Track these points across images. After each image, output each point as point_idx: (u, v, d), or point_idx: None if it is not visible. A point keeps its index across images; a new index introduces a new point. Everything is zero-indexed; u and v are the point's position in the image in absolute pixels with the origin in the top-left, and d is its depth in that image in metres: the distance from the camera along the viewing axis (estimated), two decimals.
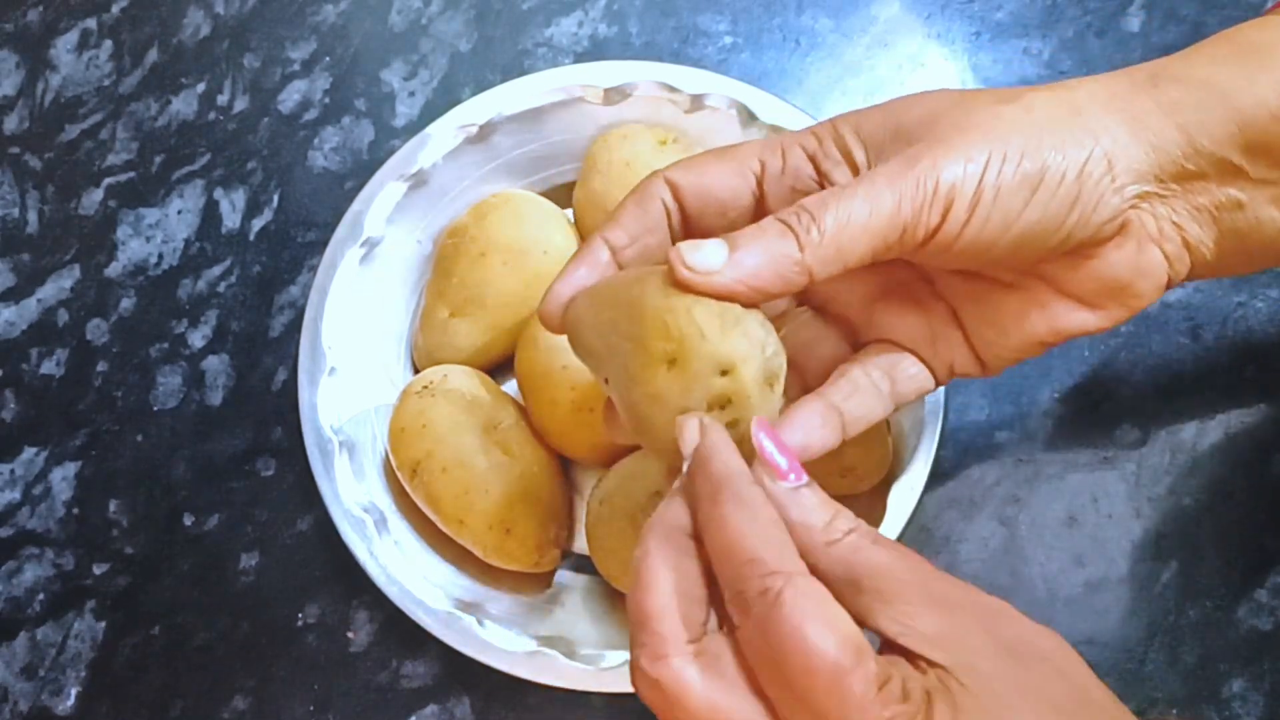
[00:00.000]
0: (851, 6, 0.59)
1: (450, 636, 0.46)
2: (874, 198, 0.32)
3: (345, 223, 0.52)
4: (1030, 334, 0.36)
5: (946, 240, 0.32)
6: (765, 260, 0.32)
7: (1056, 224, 0.33)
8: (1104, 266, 0.34)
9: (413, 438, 0.47)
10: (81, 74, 0.60)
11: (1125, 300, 0.35)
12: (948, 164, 0.32)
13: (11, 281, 0.57)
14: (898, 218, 0.32)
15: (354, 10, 0.60)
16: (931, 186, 0.32)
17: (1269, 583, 0.48)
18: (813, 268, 0.32)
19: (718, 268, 0.31)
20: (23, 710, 0.50)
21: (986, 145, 0.32)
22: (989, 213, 0.32)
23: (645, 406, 0.33)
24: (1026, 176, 0.32)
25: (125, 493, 0.53)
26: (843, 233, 0.32)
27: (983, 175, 0.32)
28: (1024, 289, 0.36)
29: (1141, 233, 0.34)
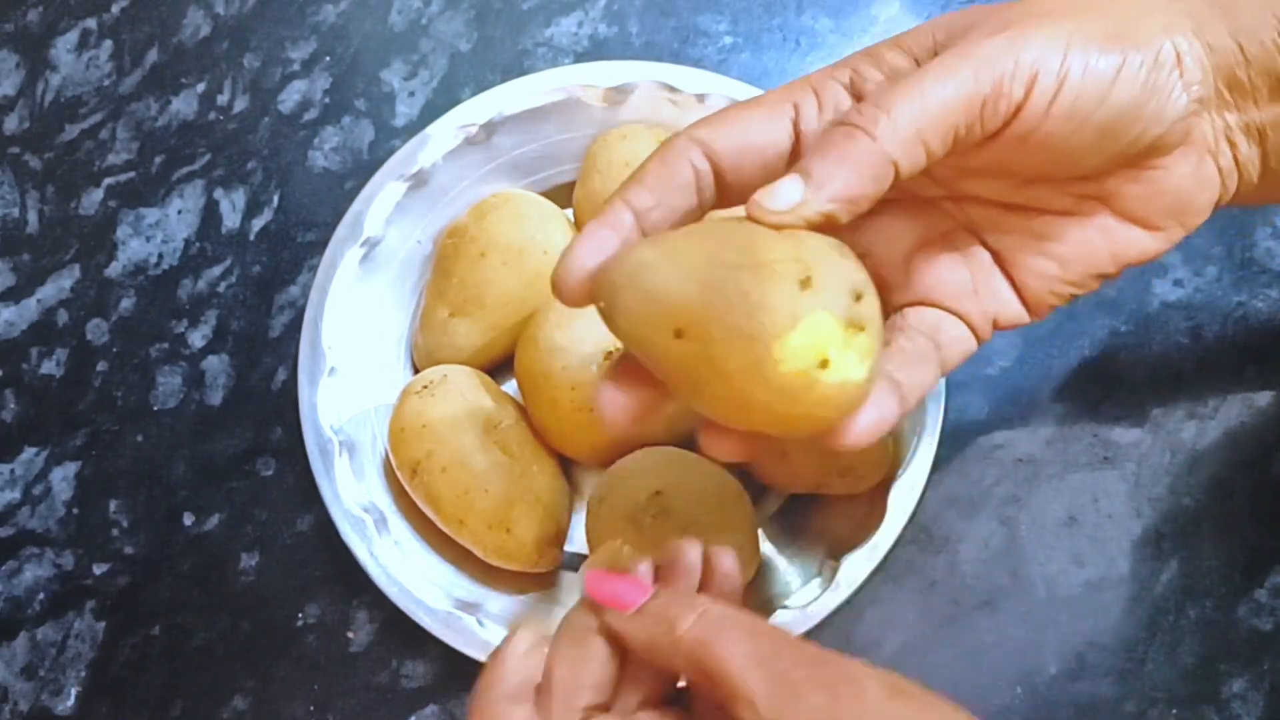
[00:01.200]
0: (851, 6, 0.59)
1: (450, 636, 0.46)
2: (947, 72, 0.30)
3: (345, 223, 0.52)
4: (1092, 262, 0.35)
5: (1033, 118, 0.30)
6: (843, 168, 0.29)
7: (1139, 111, 0.31)
8: (1169, 179, 0.33)
9: (413, 438, 0.47)
10: (81, 74, 0.60)
11: (1184, 218, 0.34)
12: (1028, 41, 0.30)
13: (11, 281, 0.57)
14: (978, 88, 0.30)
15: (354, 10, 0.60)
16: (1011, 61, 0.30)
17: (1269, 583, 0.48)
18: (893, 155, 0.29)
19: (800, 198, 0.29)
20: (23, 710, 0.50)
21: (1067, 27, 0.31)
22: (1079, 89, 0.30)
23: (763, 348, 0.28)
24: (1110, 56, 0.31)
25: (125, 493, 0.53)
26: (919, 111, 0.29)
27: (1067, 51, 0.30)
28: (1084, 215, 0.34)
29: (1202, 143, 0.33)
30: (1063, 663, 0.47)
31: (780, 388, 0.28)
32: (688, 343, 0.29)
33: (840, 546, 0.46)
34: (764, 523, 0.49)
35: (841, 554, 0.46)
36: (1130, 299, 0.52)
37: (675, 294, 0.29)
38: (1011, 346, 0.52)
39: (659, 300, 0.29)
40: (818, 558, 0.47)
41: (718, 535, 0.45)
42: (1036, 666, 0.47)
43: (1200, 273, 0.52)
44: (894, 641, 0.48)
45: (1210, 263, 0.52)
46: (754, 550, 0.47)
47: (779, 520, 0.50)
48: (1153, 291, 0.52)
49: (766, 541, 0.49)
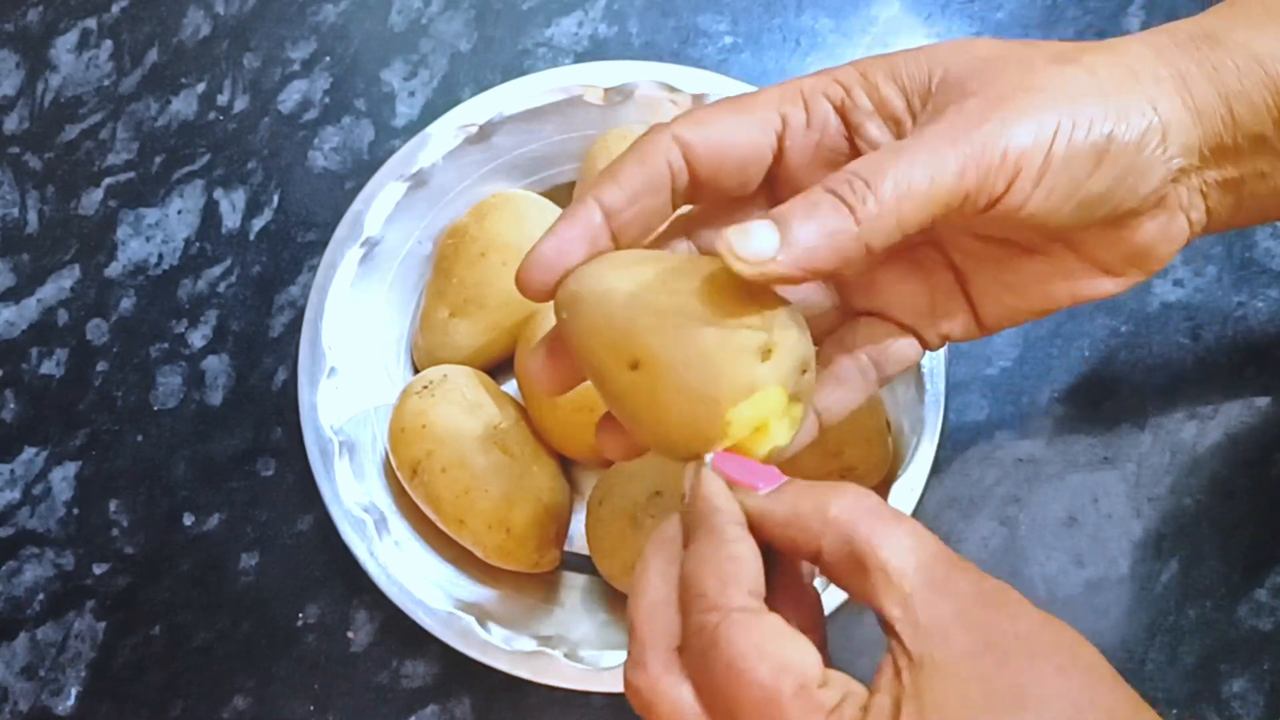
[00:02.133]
0: (851, 6, 0.59)
1: (450, 636, 0.46)
2: (936, 162, 0.30)
3: (345, 223, 0.52)
4: (1049, 299, 0.35)
5: (1009, 209, 0.31)
6: (821, 240, 0.29)
7: (1111, 196, 0.32)
8: (1137, 235, 0.33)
9: (413, 438, 0.47)
10: (81, 74, 0.60)
11: (1146, 265, 0.34)
12: (1017, 128, 0.30)
13: (11, 281, 0.57)
14: (961, 184, 0.30)
15: (354, 10, 0.60)
16: (999, 152, 0.30)
17: (1269, 583, 0.48)
18: (870, 243, 0.30)
19: (771, 254, 0.29)
20: (23, 710, 0.50)
21: (1057, 110, 0.31)
22: (1055, 182, 0.31)
23: (703, 392, 0.30)
24: (1095, 146, 0.31)
25: (125, 493, 0.53)
26: (903, 202, 0.29)
27: (1052, 143, 0.30)
28: (1048, 255, 0.34)
29: (1174, 203, 0.33)
30: None
31: (712, 439, 0.31)
32: (639, 377, 0.31)
33: None
34: None
35: None
36: (1130, 299, 0.52)
37: (639, 331, 0.30)
38: (1011, 346, 0.52)
39: (621, 331, 0.31)
40: None
41: None
42: None
43: (1200, 273, 0.52)
44: None
45: (1210, 263, 0.52)
46: None
47: None
48: (1153, 291, 0.52)
49: None
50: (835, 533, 0.29)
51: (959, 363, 0.51)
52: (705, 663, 0.28)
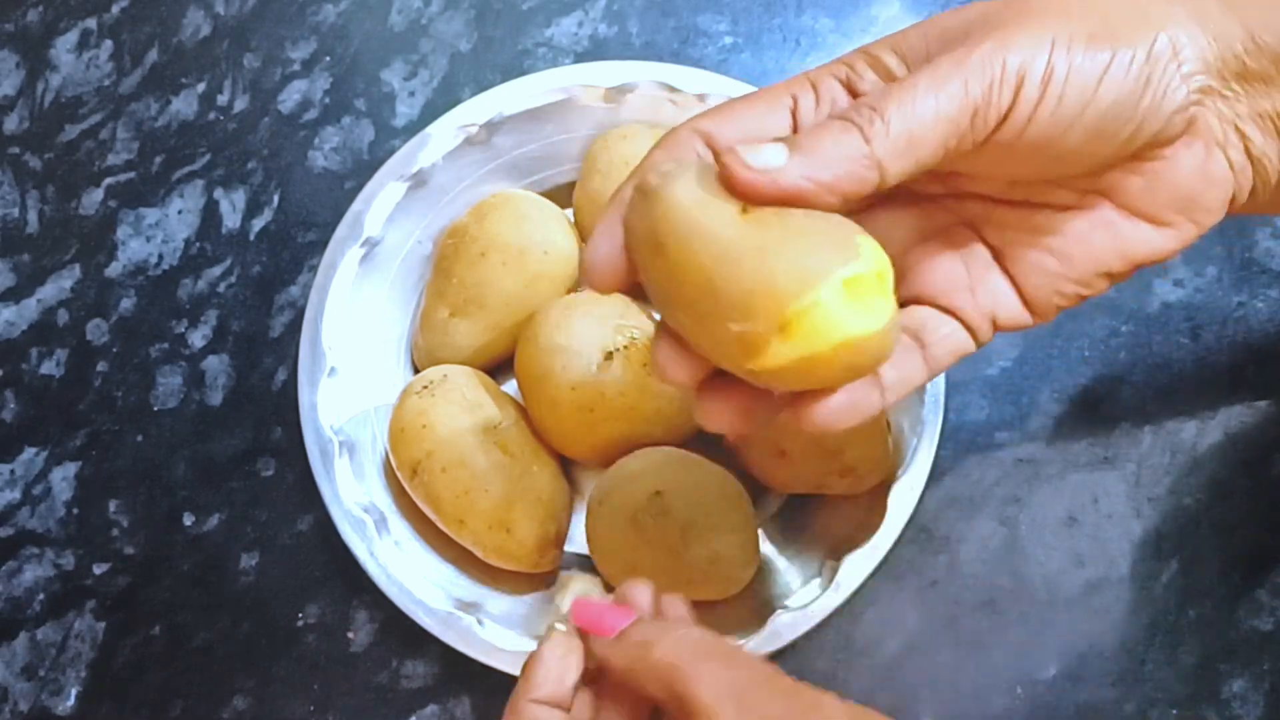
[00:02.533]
0: (851, 6, 0.59)
1: (450, 636, 0.46)
2: (939, 82, 0.30)
3: (345, 223, 0.52)
4: (1097, 260, 0.34)
5: (1018, 123, 0.30)
6: (833, 156, 0.29)
7: (1130, 109, 0.31)
8: (1173, 171, 0.33)
9: (413, 438, 0.47)
10: (81, 74, 0.60)
11: (1194, 214, 0.33)
12: (1014, 44, 0.30)
13: (11, 281, 0.57)
14: (967, 100, 0.30)
15: (354, 10, 0.60)
16: (999, 66, 0.30)
17: (1269, 583, 0.48)
18: (883, 161, 0.29)
19: (781, 164, 0.29)
20: (23, 710, 0.50)
21: (1052, 28, 0.30)
22: (1062, 91, 0.30)
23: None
24: (1097, 55, 0.30)
25: (125, 493, 0.53)
26: (911, 120, 0.29)
27: (1051, 52, 0.30)
28: (1087, 209, 0.34)
29: (1208, 134, 0.33)
30: (1063, 663, 0.47)
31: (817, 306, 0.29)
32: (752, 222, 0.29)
33: (840, 546, 0.46)
34: (764, 523, 0.49)
35: (841, 554, 0.46)
36: (1130, 299, 0.52)
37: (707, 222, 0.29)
38: (1011, 346, 0.51)
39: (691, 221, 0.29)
40: (818, 558, 0.47)
41: (718, 535, 0.45)
42: (1036, 667, 0.47)
43: (1200, 273, 0.52)
44: (894, 642, 0.48)
45: (1210, 263, 0.52)
46: (754, 550, 0.47)
47: (779, 520, 0.50)
48: (1153, 291, 0.52)
49: (766, 541, 0.49)
50: (658, 677, 0.31)
51: (959, 363, 0.51)
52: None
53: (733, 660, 0.31)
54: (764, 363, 0.29)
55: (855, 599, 0.46)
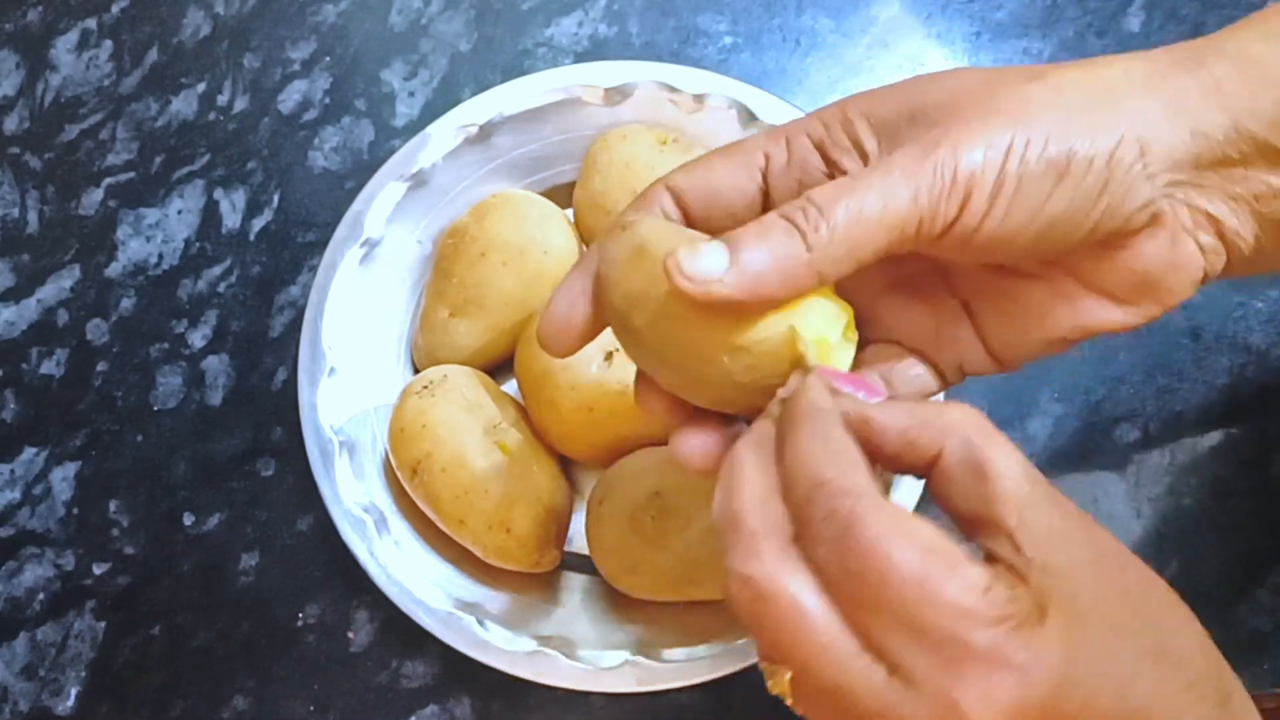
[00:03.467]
0: (851, 6, 0.59)
1: (450, 636, 0.46)
2: (888, 189, 0.30)
3: (345, 223, 0.52)
4: (1053, 330, 0.34)
5: (965, 233, 0.30)
6: (770, 264, 0.30)
7: (1083, 214, 0.31)
8: (1135, 259, 0.32)
9: (413, 438, 0.47)
10: (81, 74, 0.60)
11: (1158, 296, 0.33)
12: (967, 150, 0.30)
13: (11, 281, 0.57)
14: (914, 210, 0.30)
15: (354, 10, 0.60)
16: (949, 175, 0.30)
17: (1269, 583, 0.48)
18: (822, 269, 0.30)
19: (719, 275, 0.29)
20: (23, 710, 0.50)
21: (1009, 129, 0.30)
22: (1010, 203, 0.30)
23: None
24: (1052, 163, 0.30)
25: (125, 493, 0.53)
26: (854, 228, 0.30)
27: (1004, 163, 0.30)
28: (1048, 281, 0.34)
29: (1175, 224, 0.32)
30: None
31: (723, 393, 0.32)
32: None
33: None
34: None
35: None
36: None
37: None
38: None
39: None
40: None
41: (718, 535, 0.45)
42: None
43: None
44: None
45: None
46: None
47: None
48: None
49: None
50: (959, 437, 0.29)
51: None
52: (840, 551, 0.27)
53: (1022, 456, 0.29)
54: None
55: None
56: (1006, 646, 0.26)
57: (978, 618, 0.26)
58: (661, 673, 0.45)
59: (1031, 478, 0.28)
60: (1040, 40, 0.58)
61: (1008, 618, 0.26)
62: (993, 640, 0.26)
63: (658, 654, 0.46)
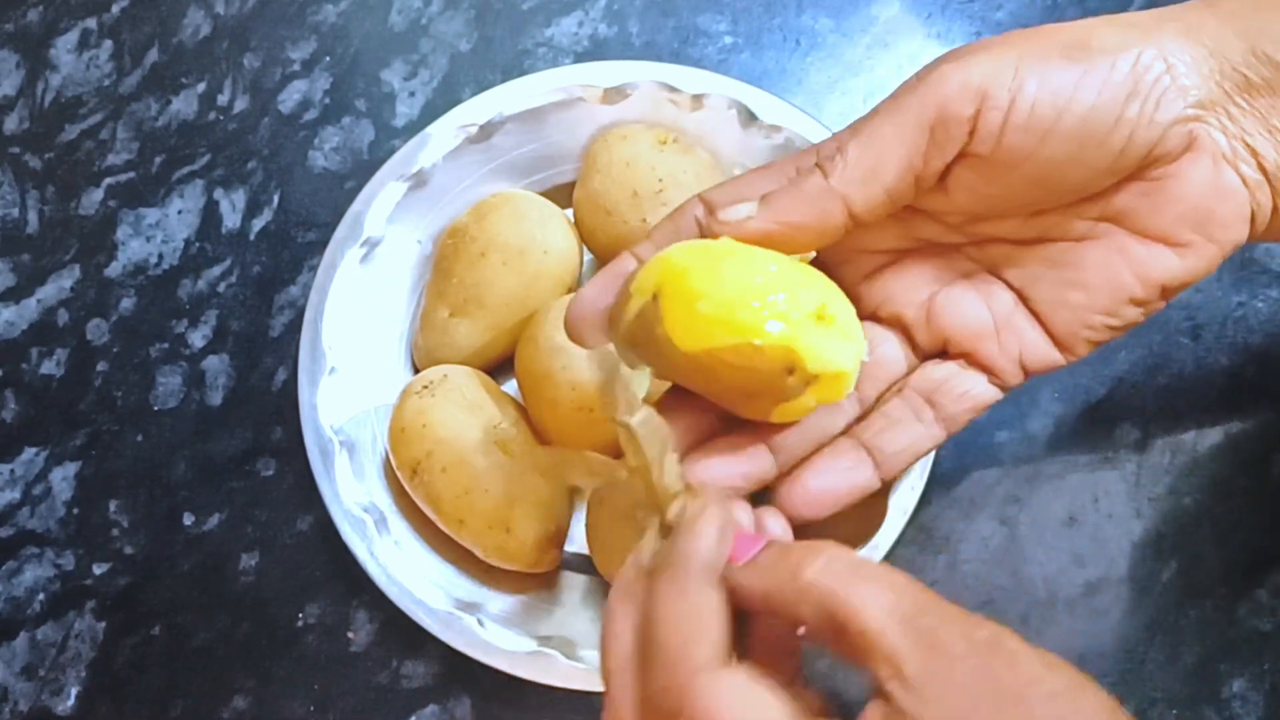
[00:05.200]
0: (851, 6, 0.59)
1: (450, 636, 0.46)
2: (896, 110, 0.30)
3: (345, 223, 0.52)
4: (1118, 287, 0.33)
5: (990, 135, 0.30)
6: (795, 198, 0.30)
7: (1114, 115, 0.30)
8: (1179, 188, 0.32)
9: (413, 438, 0.47)
10: (81, 74, 0.60)
11: (1210, 232, 0.32)
12: (975, 62, 0.30)
13: (11, 281, 0.57)
14: (923, 118, 0.30)
15: (354, 10, 0.60)
16: (959, 83, 0.30)
17: (1269, 583, 0.48)
18: (846, 193, 0.30)
19: (747, 212, 0.31)
20: (23, 710, 0.50)
21: (1019, 46, 0.30)
22: (1034, 98, 0.30)
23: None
24: (1070, 65, 0.30)
25: (125, 493, 0.53)
26: (868, 150, 0.30)
27: (1019, 65, 0.30)
28: (1100, 238, 0.33)
29: (1214, 149, 0.31)
30: None
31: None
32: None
33: None
34: None
35: None
36: None
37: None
38: None
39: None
40: None
41: None
42: None
43: None
44: None
45: None
46: None
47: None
48: None
49: None
50: (812, 600, 0.28)
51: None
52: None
53: (894, 583, 0.28)
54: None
55: None
56: None
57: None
58: None
59: (905, 619, 0.27)
60: None
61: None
62: None
63: None
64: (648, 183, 0.50)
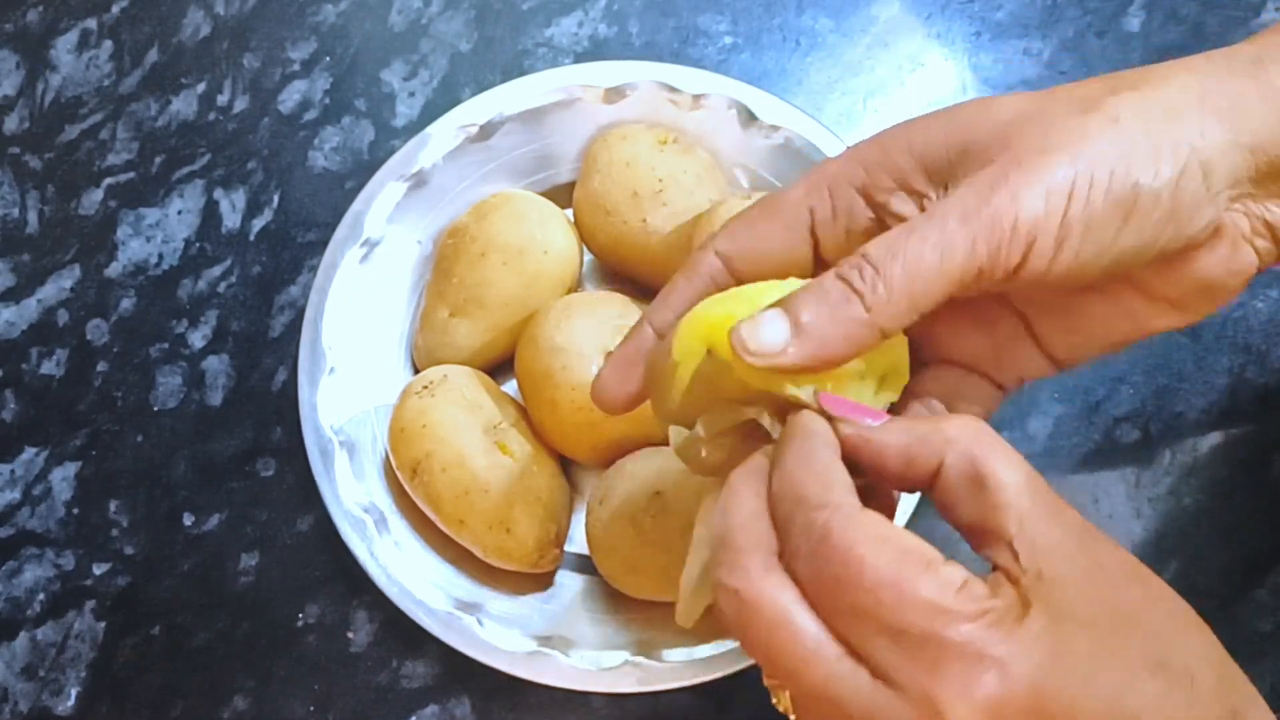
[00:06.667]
0: (851, 6, 0.59)
1: (450, 636, 0.46)
2: (944, 241, 0.29)
3: (345, 223, 0.52)
4: (1116, 334, 0.34)
5: (1032, 277, 0.30)
6: (831, 329, 0.30)
7: (1150, 244, 0.31)
8: (1197, 269, 0.32)
9: (413, 438, 0.47)
10: (81, 74, 0.60)
11: (1214, 298, 0.33)
12: (1027, 195, 0.29)
13: (11, 281, 0.57)
14: (973, 260, 0.30)
15: (354, 10, 0.60)
16: (1009, 224, 0.29)
17: (1269, 583, 0.48)
18: (883, 325, 0.30)
19: (780, 346, 0.30)
20: (23, 710, 0.50)
21: (1070, 167, 0.30)
22: (1079, 245, 0.30)
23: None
24: (1118, 203, 0.30)
25: (125, 493, 0.53)
26: (913, 283, 0.30)
27: (1067, 207, 0.30)
28: (1109, 294, 0.34)
29: (1235, 234, 0.32)
30: None
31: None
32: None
33: None
34: None
35: None
36: None
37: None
38: None
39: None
40: None
41: None
42: None
43: None
44: None
45: None
46: None
47: None
48: None
49: None
50: (959, 450, 0.29)
51: None
52: (817, 560, 0.27)
53: (1026, 464, 0.29)
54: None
55: None
56: (982, 641, 0.26)
57: (953, 614, 0.26)
58: (661, 673, 0.45)
59: (1034, 488, 0.29)
60: (1040, 40, 0.58)
61: (984, 612, 0.26)
62: (968, 635, 0.26)
63: (658, 654, 0.46)
64: (648, 183, 0.50)
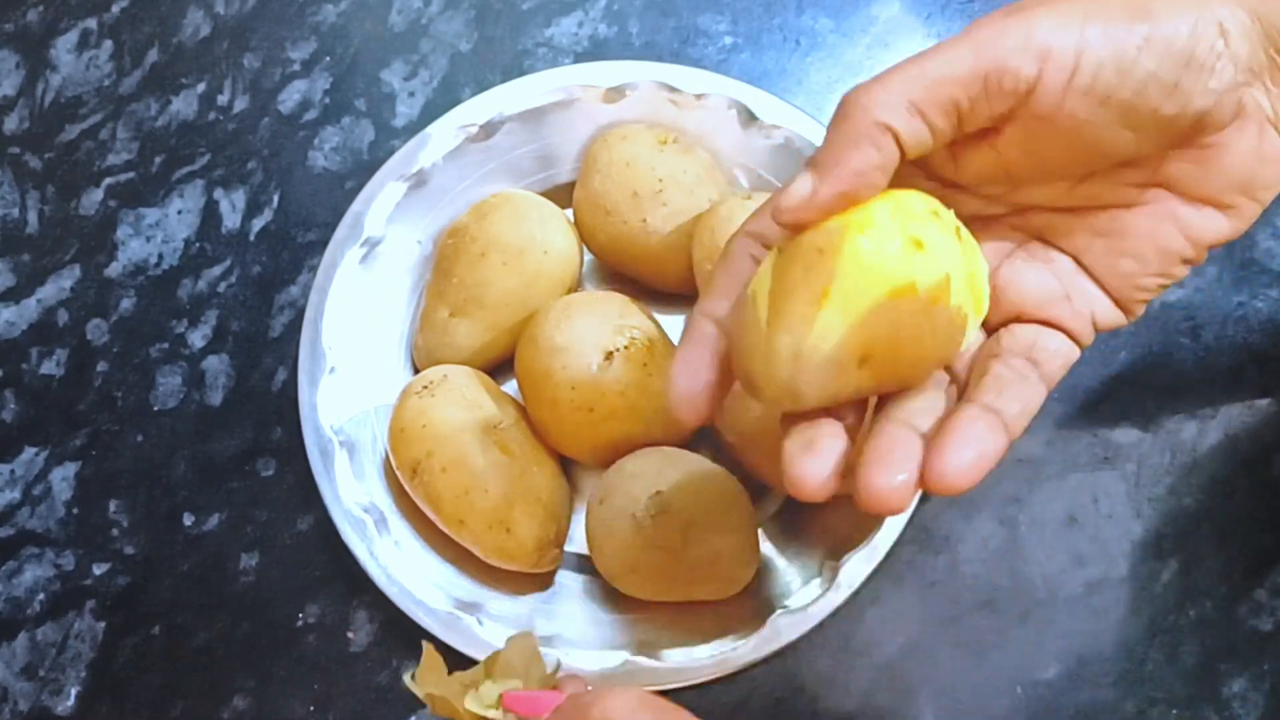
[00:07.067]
0: (851, 6, 0.59)
1: (450, 636, 0.46)
2: (945, 50, 0.30)
3: (345, 223, 0.52)
4: (1168, 251, 0.34)
5: (1052, 95, 0.30)
6: (845, 147, 0.30)
7: (1172, 80, 0.31)
8: (1227, 155, 0.32)
9: (413, 438, 0.47)
10: (81, 74, 0.60)
11: (1254, 193, 0.33)
12: (1038, 19, 0.30)
13: (11, 281, 0.57)
14: (977, 66, 0.30)
15: (354, 10, 0.60)
16: (1021, 38, 0.30)
17: (1269, 583, 0.48)
18: (886, 120, 0.30)
19: (810, 190, 0.30)
20: (23, 710, 0.50)
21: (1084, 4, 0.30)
22: (1098, 62, 0.30)
23: None
24: (1133, 28, 0.30)
25: (125, 493, 0.53)
26: (912, 82, 0.30)
27: (1084, 25, 0.30)
28: (1149, 204, 0.34)
29: (1259, 114, 0.32)
30: (1063, 663, 0.47)
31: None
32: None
33: (840, 547, 0.46)
34: (764, 523, 0.49)
35: (841, 554, 0.46)
36: None
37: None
38: None
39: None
40: (818, 558, 0.47)
41: (718, 535, 0.45)
42: (1036, 667, 0.47)
43: (1200, 273, 0.52)
44: (894, 642, 0.48)
45: (1210, 263, 0.52)
46: (754, 550, 0.47)
47: (779, 520, 0.50)
48: None
49: (766, 541, 0.49)
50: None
51: None
52: None
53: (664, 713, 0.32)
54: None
55: (855, 599, 0.46)
56: None
57: None
58: (661, 673, 0.45)
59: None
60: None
61: None
62: None
63: (658, 654, 0.46)
64: (648, 183, 0.50)
